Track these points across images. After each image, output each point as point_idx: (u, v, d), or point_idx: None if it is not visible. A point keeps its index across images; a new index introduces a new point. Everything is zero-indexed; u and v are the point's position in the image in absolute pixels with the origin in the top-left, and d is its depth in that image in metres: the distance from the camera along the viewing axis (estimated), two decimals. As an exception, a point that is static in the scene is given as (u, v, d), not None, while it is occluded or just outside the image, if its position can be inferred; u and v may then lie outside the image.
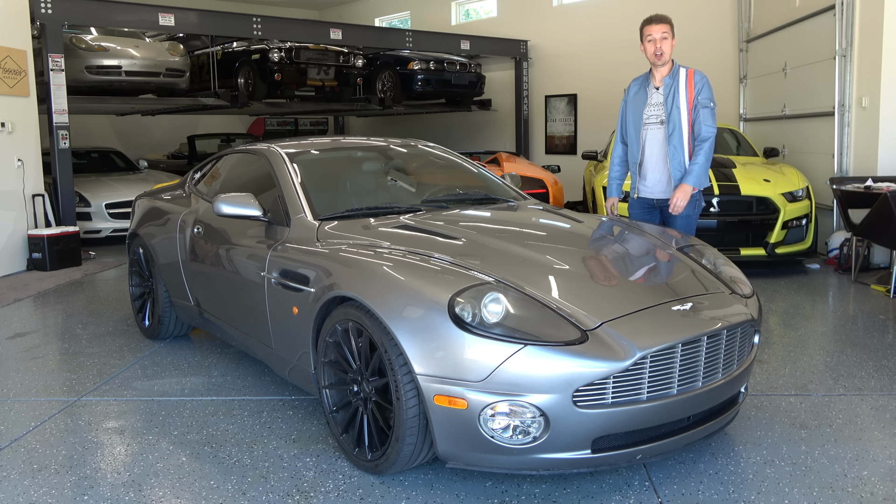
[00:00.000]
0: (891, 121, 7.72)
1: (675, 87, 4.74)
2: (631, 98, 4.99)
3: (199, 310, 4.91)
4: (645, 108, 4.86)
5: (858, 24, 8.00)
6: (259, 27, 11.55)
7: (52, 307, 6.90)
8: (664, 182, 4.83)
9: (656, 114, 4.82)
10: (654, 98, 4.84)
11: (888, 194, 6.25)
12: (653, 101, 4.84)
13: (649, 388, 2.92)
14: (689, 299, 3.26)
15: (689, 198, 4.66)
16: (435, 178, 5.14)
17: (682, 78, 4.75)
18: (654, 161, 4.85)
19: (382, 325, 3.03)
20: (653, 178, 4.88)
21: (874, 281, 7.15)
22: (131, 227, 5.84)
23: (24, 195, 8.82)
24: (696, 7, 12.28)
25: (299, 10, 19.10)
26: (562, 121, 14.93)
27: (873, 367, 4.64)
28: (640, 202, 4.99)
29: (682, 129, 4.70)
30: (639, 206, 5.00)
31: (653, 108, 4.83)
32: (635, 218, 4.90)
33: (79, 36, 10.79)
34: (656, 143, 4.82)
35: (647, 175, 4.90)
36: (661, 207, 4.89)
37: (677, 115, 4.71)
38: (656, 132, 4.82)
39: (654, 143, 4.84)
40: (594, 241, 3.94)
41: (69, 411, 4.15)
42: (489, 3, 16.07)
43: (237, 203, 4.06)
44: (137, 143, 16.79)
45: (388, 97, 13.83)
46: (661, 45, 4.74)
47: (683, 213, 4.76)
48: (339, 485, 3.20)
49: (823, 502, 2.98)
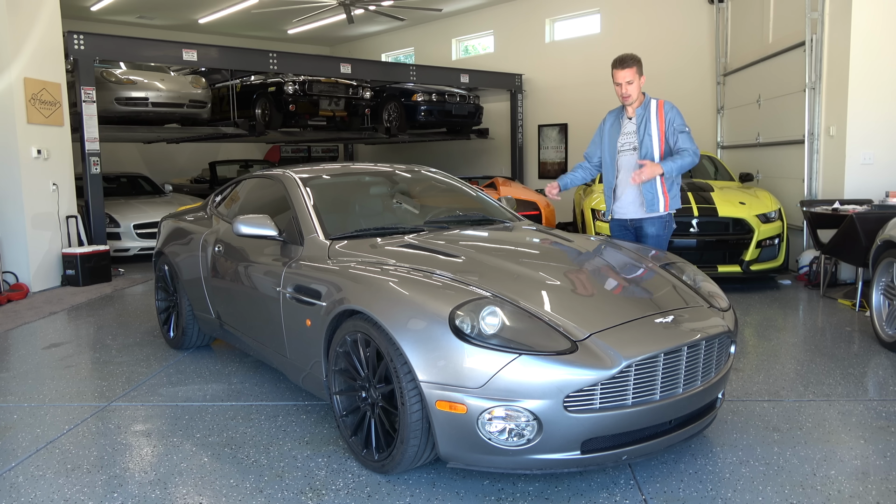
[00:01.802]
0: (856, 148, 7.77)
1: (647, 116, 4.78)
2: (607, 129, 5.00)
3: (220, 322, 4.92)
4: (619, 136, 4.88)
5: (827, 60, 8.06)
6: (275, 62, 11.63)
7: (85, 320, 6.92)
8: (637, 203, 4.84)
9: (629, 141, 4.84)
10: (627, 127, 4.86)
11: (854, 216, 6.27)
12: (626, 130, 4.86)
13: (634, 395, 2.93)
14: (670, 312, 3.28)
15: (653, 174, 4.60)
16: (437, 201, 5.15)
17: (652, 108, 4.80)
18: (627, 184, 4.85)
19: (388, 337, 3.05)
20: (626, 200, 4.88)
21: (841, 296, 7.16)
22: (157, 246, 5.85)
23: (59, 217, 8.86)
24: (676, 43, 12.37)
25: (312, 46, 19.22)
26: (553, 148, 14.96)
27: (840, 375, 4.65)
28: (616, 223, 5.01)
29: (653, 153, 4.74)
30: (616, 226, 5.02)
31: (626, 136, 4.86)
32: (614, 236, 4.95)
33: (109, 70, 10.88)
34: (629, 167, 4.82)
35: (620, 197, 4.91)
36: (635, 227, 4.92)
37: (649, 141, 4.74)
38: (629, 158, 4.83)
39: (627, 167, 4.84)
40: (583, 259, 3.94)
41: (100, 415, 4.17)
42: (487, 40, 16.16)
43: (255, 224, 4.08)
44: (163, 169, 16.85)
45: (394, 126, 13.87)
46: (626, 89, 4.73)
47: (654, 233, 4.81)
48: (348, 483, 3.21)
49: (794, 499, 2.99)
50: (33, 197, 8.49)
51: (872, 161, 7.80)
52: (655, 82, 12.77)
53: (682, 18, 12.32)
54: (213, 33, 16.98)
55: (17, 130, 8.19)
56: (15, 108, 8.16)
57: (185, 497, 3.11)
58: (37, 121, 8.43)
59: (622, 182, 4.90)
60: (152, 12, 15.34)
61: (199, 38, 14.63)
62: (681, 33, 12.33)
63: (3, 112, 8.19)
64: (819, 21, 8.09)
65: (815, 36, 8.13)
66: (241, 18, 15.89)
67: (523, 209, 9.05)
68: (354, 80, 13.25)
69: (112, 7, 14.61)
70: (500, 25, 15.51)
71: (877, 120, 7.73)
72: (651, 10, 12.78)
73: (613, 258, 3.94)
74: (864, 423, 3.84)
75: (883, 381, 4.56)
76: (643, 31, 12.88)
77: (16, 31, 8.20)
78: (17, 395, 4.58)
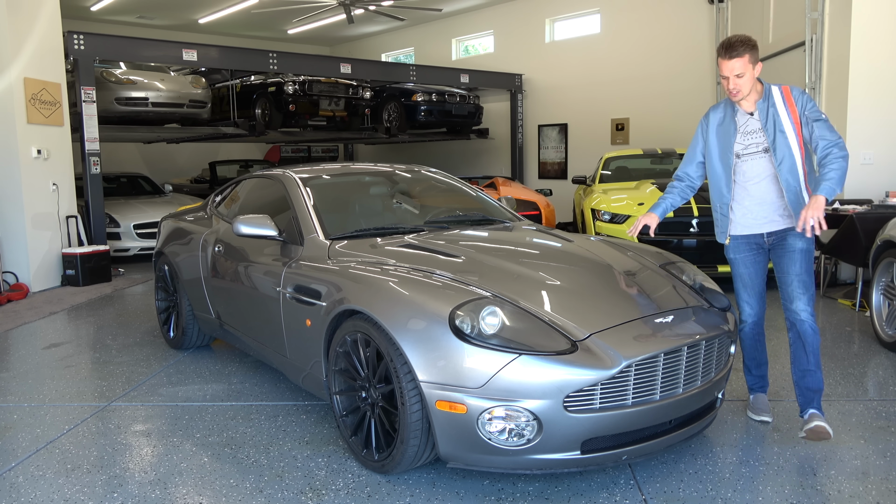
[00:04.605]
0: (856, 148, 7.76)
1: (774, 109, 3.62)
2: (713, 130, 3.80)
3: (220, 322, 4.92)
4: (737, 137, 3.70)
5: (827, 60, 8.07)
6: (275, 62, 11.63)
7: (85, 319, 6.92)
8: (778, 212, 3.67)
9: (755, 143, 3.66)
10: (749, 125, 3.67)
11: (854, 216, 6.27)
12: (748, 129, 3.68)
13: (634, 395, 2.93)
14: (670, 312, 3.28)
15: (821, 211, 3.33)
16: (437, 201, 5.15)
17: (777, 98, 3.64)
18: (759, 194, 3.67)
19: (388, 337, 3.05)
20: (759, 213, 3.69)
21: (841, 296, 7.16)
22: (157, 246, 5.86)
23: (59, 217, 8.86)
24: (676, 43, 12.38)
25: (312, 46, 19.22)
26: (553, 148, 14.97)
27: (840, 375, 4.65)
28: (742, 241, 3.79)
29: (793, 155, 3.58)
30: (743, 246, 3.80)
31: (749, 136, 3.68)
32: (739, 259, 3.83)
33: (109, 70, 10.88)
34: (760, 174, 3.66)
35: (752, 210, 3.71)
36: (774, 243, 3.73)
37: (783, 140, 3.58)
38: (758, 162, 3.66)
39: (757, 175, 3.67)
40: (583, 259, 3.91)
41: (100, 415, 4.17)
42: (487, 40, 16.17)
43: (255, 224, 4.08)
44: (163, 169, 16.85)
45: (394, 126, 13.88)
46: (735, 83, 3.58)
47: (804, 246, 3.62)
48: (348, 483, 3.20)
49: (794, 499, 2.99)
50: (33, 197, 8.49)
51: (872, 161, 7.80)
52: (655, 82, 12.83)
53: (681, 18, 12.33)
54: (213, 33, 16.98)
55: (17, 130, 8.19)
56: (15, 108, 8.16)
57: (185, 497, 3.11)
58: (37, 121, 8.43)
59: (753, 192, 3.69)
60: (152, 12, 15.34)
61: (199, 38, 14.63)
62: (681, 33, 12.35)
63: (3, 112, 8.19)
64: (819, 21, 8.10)
65: (815, 36, 8.14)
66: (241, 18, 15.89)
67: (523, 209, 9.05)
68: (354, 80, 13.26)
69: (112, 7, 14.61)
70: (500, 25, 15.52)
71: (877, 120, 7.74)
72: (651, 10, 12.79)
73: (613, 258, 3.93)
74: (864, 423, 3.84)
75: (883, 381, 4.56)
76: (643, 31, 12.90)
77: (16, 31, 8.20)
78: (17, 395, 4.58)
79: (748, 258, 3.79)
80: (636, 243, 4.48)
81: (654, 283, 3.62)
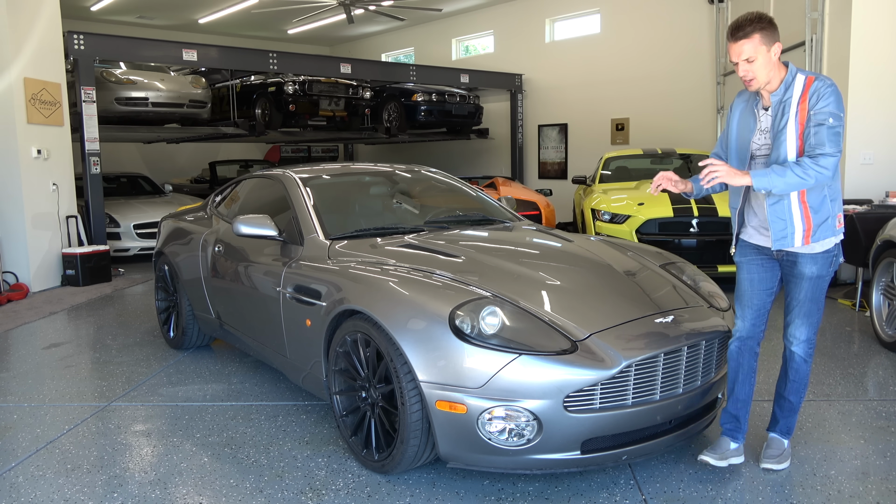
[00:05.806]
0: (856, 147, 7.77)
1: (786, 102, 3.02)
2: (735, 122, 3.28)
3: (220, 322, 4.92)
4: (753, 135, 3.17)
5: (827, 60, 8.06)
6: (275, 62, 11.63)
7: (85, 319, 6.92)
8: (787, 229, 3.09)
9: (766, 143, 3.13)
10: (763, 122, 3.14)
11: (853, 216, 6.27)
12: (762, 127, 3.14)
13: (634, 395, 2.94)
14: (670, 312, 3.28)
15: (731, 179, 2.96)
16: (437, 201, 5.15)
17: (796, 90, 3.02)
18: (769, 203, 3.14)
19: (389, 337, 3.05)
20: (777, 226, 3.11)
21: (841, 296, 7.16)
22: (157, 246, 5.85)
23: (59, 217, 8.86)
24: (676, 43, 12.38)
25: (312, 46, 19.22)
26: (553, 148, 14.97)
27: (840, 375, 4.65)
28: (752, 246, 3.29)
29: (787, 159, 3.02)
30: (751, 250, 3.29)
31: (762, 135, 3.15)
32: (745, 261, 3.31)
33: (109, 70, 10.88)
34: None
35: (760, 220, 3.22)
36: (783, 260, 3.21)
37: (782, 139, 3.03)
38: None
39: None
40: (583, 259, 3.90)
41: (100, 415, 4.17)
42: (487, 39, 16.16)
43: (255, 224, 4.09)
44: (163, 169, 16.86)
45: (394, 126, 13.88)
46: (744, 69, 3.01)
47: (813, 273, 3.13)
48: (348, 483, 3.21)
49: (794, 499, 2.99)
50: (33, 197, 8.49)
51: (872, 161, 7.80)
52: (656, 82, 12.84)
53: (681, 18, 12.33)
54: (213, 33, 16.99)
55: (17, 130, 8.19)
56: (15, 108, 8.15)
57: (185, 497, 3.11)
58: (37, 121, 8.42)
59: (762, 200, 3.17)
60: (152, 12, 15.34)
61: (199, 38, 14.64)
62: (681, 33, 12.34)
63: (3, 112, 8.18)
64: (819, 21, 8.10)
65: (815, 36, 8.14)
66: (241, 18, 15.89)
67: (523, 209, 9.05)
68: (354, 80, 13.26)
69: (112, 7, 14.61)
70: (500, 25, 15.52)
71: (877, 120, 7.74)
72: (651, 10, 12.79)
73: (613, 258, 3.93)
74: (864, 423, 3.84)
75: (883, 381, 4.56)
76: (643, 31, 12.90)
77: (16, 31, 8.20)
78: (17, 395, 4.58)
79: (753, 264, 3.28)
80: (636, 243, 4.50)
81: (654, 283, 3.62)
